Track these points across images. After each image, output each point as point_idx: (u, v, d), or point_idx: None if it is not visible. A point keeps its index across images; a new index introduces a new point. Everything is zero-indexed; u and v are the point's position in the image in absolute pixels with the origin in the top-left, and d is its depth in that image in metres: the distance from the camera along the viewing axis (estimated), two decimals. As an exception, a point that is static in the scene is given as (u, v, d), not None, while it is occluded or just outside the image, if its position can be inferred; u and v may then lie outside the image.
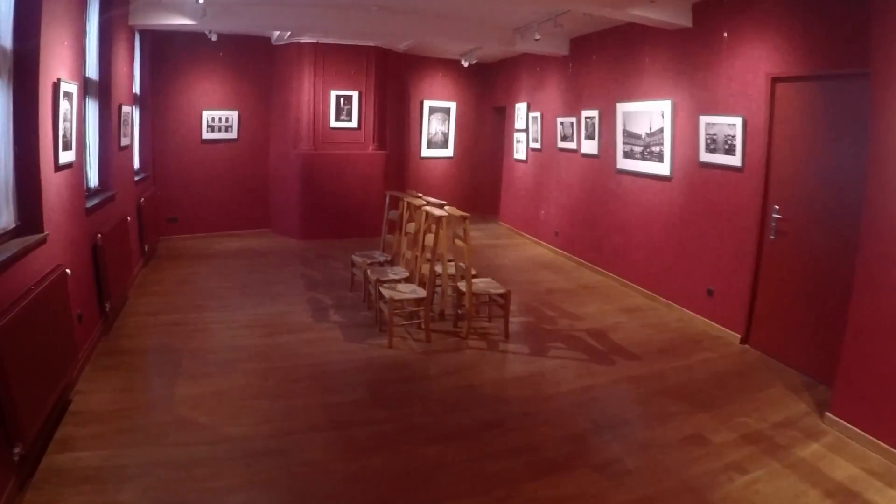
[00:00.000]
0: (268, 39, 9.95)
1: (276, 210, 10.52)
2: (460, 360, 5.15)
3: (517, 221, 11.38)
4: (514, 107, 11.38)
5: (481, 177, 13.11)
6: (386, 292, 5.37)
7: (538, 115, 10.21)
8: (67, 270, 4.05)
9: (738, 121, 5.69)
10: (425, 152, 12.33)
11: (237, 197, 10.25)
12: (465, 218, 5.39)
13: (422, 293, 5.44)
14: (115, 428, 3.74)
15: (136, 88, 8.27)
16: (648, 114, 7.11)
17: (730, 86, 5.87)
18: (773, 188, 5.43)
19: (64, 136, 4.33)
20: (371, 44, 10.04)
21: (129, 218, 6.44)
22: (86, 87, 5.52)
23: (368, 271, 6.13)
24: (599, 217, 8.34)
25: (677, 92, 6.66)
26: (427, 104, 12.11)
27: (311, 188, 10.00)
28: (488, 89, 12.73)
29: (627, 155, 7.57)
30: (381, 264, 6.68)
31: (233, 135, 10.04)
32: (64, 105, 4.30)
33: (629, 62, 7.58)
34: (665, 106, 6.78)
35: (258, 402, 4.20)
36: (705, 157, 6.18)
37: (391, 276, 5.97)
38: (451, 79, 12.38)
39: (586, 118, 8.58)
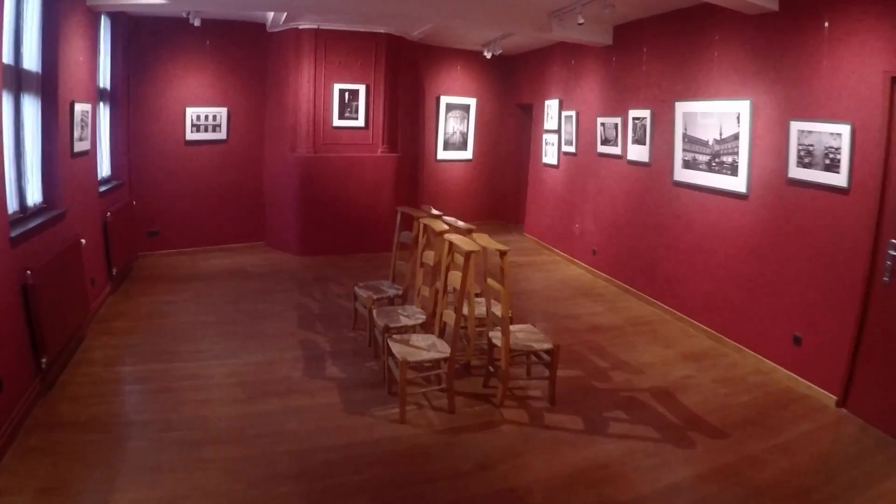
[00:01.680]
0: (262, 26, 8.91)
1: (271, 221, 9.49)
2: (496, 442, 4.04)
3: (545, 234, 10.31)
4: (543, 104, 10.32)
5: (504, 182, 12.10)
6: (397, 349, 4.30)
7: (573, 114, 9.14)
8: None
9: (844, 129, 4.60)
10: (441, 154, 11.29)
11: (227, 206, 9.21)
12: (504, 253, 4.32)
13: (444, 350, 4.35)
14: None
15: (105, 83, 7.29)
16: (718, 116, 6.04)
17: (833, 85, 4.78)
18: (890, 217, 4.35)
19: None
20: (381, 30, 8.97)
21: (83, 241, 5.41)
22: (19, 81, 4.50)
23: (375, 313, 5.07)
24: (650, 237, 7.27)
25: (758, 90, 5.58)
26: (444, 100, 11.06)
27: (310, 196, 8.98)
28: (513, 84, 11.68)
29: (689, 165, 6.50)
30: (391, 300, 5.63)
31: (221, 135, 9.02)
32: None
33: (692, 53, 6.50)
34: (742, 107, 5.71)
35: (221, 520, 3.16)
36: (796, 172, 5.10)
37: (403, 321, 4.91)
38: (470, 72, 11.35)
39: (635, 119, 7.52)
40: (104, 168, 7.28)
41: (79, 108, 5.55)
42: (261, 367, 5.02)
